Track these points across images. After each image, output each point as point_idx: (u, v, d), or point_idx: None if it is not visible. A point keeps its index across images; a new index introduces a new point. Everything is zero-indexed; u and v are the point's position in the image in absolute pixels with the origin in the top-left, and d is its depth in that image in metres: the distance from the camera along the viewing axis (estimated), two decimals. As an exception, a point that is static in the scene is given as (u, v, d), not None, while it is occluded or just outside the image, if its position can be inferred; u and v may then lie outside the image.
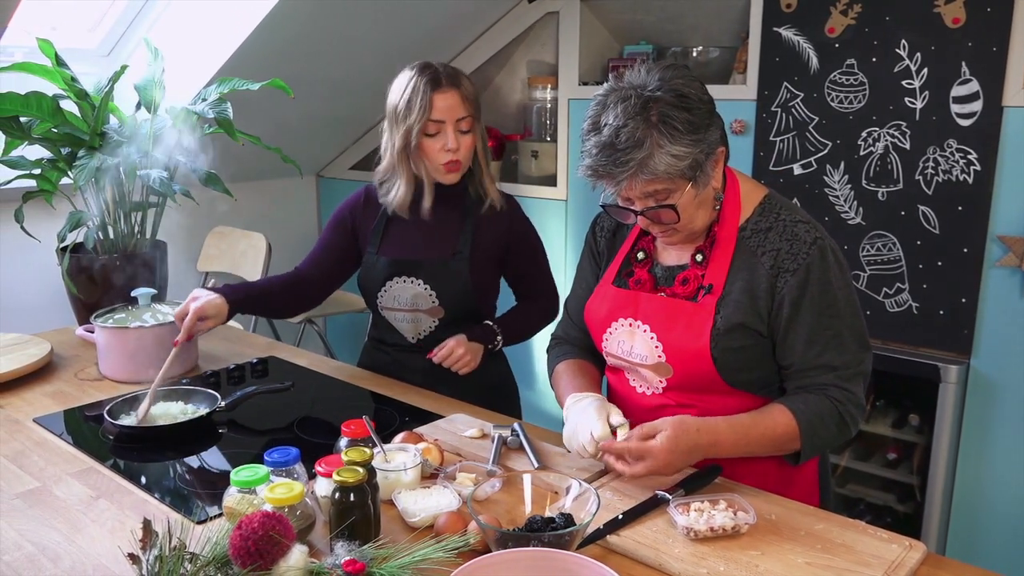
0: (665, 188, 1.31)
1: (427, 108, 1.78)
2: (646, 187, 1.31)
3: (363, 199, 2.00)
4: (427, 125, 1.79)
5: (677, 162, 1.28)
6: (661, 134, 1.27)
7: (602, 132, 1.29)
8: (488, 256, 1.92)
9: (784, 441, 1.37)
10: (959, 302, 2.45)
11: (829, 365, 1.38)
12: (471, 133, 1.83)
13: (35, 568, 1.17)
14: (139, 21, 3.02)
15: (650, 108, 1.28)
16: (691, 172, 1.31)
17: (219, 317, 1.81)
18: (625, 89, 1.30)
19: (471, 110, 1.82)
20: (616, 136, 1.27)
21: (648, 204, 1.34)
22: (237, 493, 1.20)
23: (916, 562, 1.16)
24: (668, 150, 1.27)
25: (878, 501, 2.75)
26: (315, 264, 2.01)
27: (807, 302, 1.36)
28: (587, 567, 1.02)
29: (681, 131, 1.28)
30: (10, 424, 1.67)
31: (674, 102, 1.28)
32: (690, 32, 3.14)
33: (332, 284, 2.03)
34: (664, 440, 1.28)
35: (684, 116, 1.28)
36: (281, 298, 1.97)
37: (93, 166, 2.27)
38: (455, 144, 1.80)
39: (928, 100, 2.43)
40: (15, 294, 3.00)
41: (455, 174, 1.86)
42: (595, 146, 1.30)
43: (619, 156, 1.27)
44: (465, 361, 1.84)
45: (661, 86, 1.29)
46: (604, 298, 1.52)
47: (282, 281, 1.98)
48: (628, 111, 1.28)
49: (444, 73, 1.81)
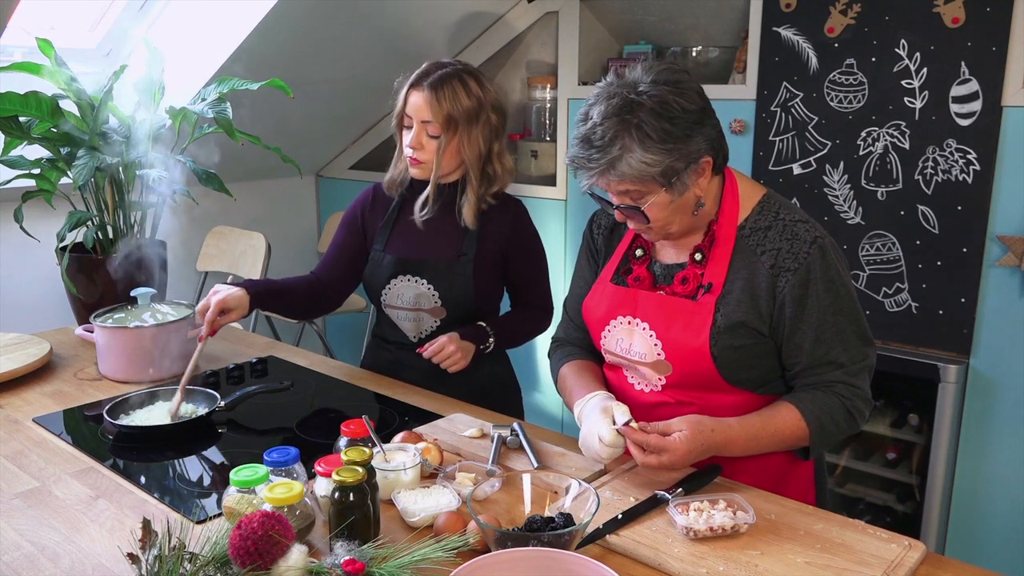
0: (637, 189, 1.33)
1: (403, 100, 1.85)
2: (618, 186, 1.34)
3: (371, 197, 2.02)
4: (403, 118, 1.86)
5: (647, 168, 1.30)
6: (633, 139, 1.29)
7: (585, 125, 1.32)
8: (492, 260, 1.92)
9: (794, 439, 1.39)
10: (958, 302, 2.45)
11: (836, 362, 1.39)
12: (437, 140, 1.83)
13: (34, 568, 1.17)
14: (139, 21, 3.02)
15: (631, 111, 1.29)
16: (664, 179, 1.31)
17: (241, 309, 1.81)
18: (616, 86, 1.33)
19: (440, 119, 1.80)
20: (593, 132, 1.30)
21: (623, 201, 1.36)
22: (237, 493, 1.20)
23: (915, 562, 1.16)
24: (638, 156, 1.29)
25: (877, 501, 2.76)
26: (330, 268, 2.02)
27: (812, 301, 1.36)
28: (587, 567, 1.02)
29: (654, 139, 1.28)
30: (9, 424, 1.67)
31: (655, 109, 1.29)
32: (690, 32, 3.14)
33: (349, 286, 2.04)
34: (683, 438, 1.29)
35: (662, 125, 1.29)
36: (301, 298, 1.98)
37: (92, 166, 2.27)
38: (415, 143, 1.84)
39: (928, 100, 2.43)
40: (14, 294, 3.00)
41: (416, 169, 1.88)
42: (576, 137, 1.34)
43: (592, 152, 1.30)
44: (456, 359, 1.84)
45: (649, 90, 1.30)
46: (602, 296, 1.52)
47: (302, 282, 1.99)
48: (609, 110, 1.30)
49: (435, 75, 1.81)
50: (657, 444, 1.29)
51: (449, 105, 1.80)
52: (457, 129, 1.82)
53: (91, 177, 2.29)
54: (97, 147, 2.36)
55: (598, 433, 1.34)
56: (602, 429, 1.34)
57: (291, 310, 2.04)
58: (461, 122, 1.82)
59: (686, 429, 1.30)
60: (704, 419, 1.33)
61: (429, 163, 1.86)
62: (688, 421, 1.31)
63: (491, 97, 1.86)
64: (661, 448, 1.29)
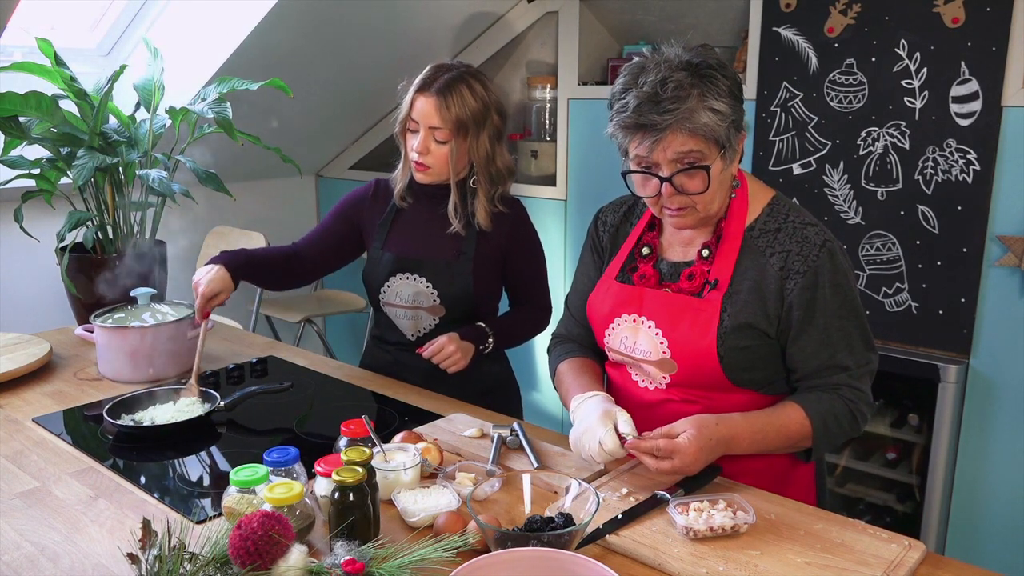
0: (699, 150, 1.31)
1: (409, 105, 1.84)
2: (681, 145, 1.30)
3: (372, 193, 2.02)
4: (409, 122, 1.84)
5: (718, 120, 1.29)
6: (707, 88, 1.29)
7: (643, 87, 1.29)
8: (491, 259, 1.92)
9: (798, 437, 1.38)
10: (958, 302, 2.45)
11: (841, 365, 1.39)
12: (446, 145, 1.83)
13: (34, 568, 1.17)
14: (138, 21, 3.02)
15: (696, 66, 1.30)
16: (726, 138, 1.32)
17: (227, 290, 1.83)
18: (665, 55, 1.32)
19: (449, 126, 1.80)
20: (662, 87, 1.28)
21: (676, 168, 1.33)
22: (236, 493, 1.20)
23: (915, 562, 1.16)
24: (711, 104, 1.28)
25: (877, 501, 2.76)
26: (313, 244, 2.03)
27: (820, 304, 1.36)
28: (586, 567, 1.02)
29: (724, 91, 1.30)
30: (9, 424, 1.67)
31: (717, 66, 1.31)
32: (690, 32, 3.14)
33: (326, 267, 2.06)
34: (690, 439, 1.28)
35: (727, 81, 1.31)
36: (277, 269, 1.99)
37: (92, 166, 2.27)
38: (422, 148, 1.83)
39: (927, 100, 2.43)
40: (14, 294, 3.00)
41: (422, 175, 1.87)
42: (635, 98, 1.29)
43: (664, 105, 1.27)
44: (455, 359, 1.84)
45: (701, 56, 1.31)
46: (607, 293, 1.52)
47: (279, 253, 2.01)
48: (673, 66, 1.29)
49: (443, 79, 1.80)
50: (667, 447, 1.28)
51: (458, 110, 1.80)
52: (467, 133, 1.83)
53: (91, 177, 2.30)
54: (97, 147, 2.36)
55: (599, 438, 1.33)
56: (604, 436, 1.33)
57: (266, 281, 2.04)
58: (470, 125, 1.82)
59: (691, 428, 1.29)
60: (706, 416, 1.33)
61: (435, 168, 1.85)
62: (691, 421, 1.31)
63: (494, 98, 1.87)
64: (671, 451, 1.28)
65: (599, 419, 1.35)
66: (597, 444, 1.34)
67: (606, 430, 1.33)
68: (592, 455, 1.35)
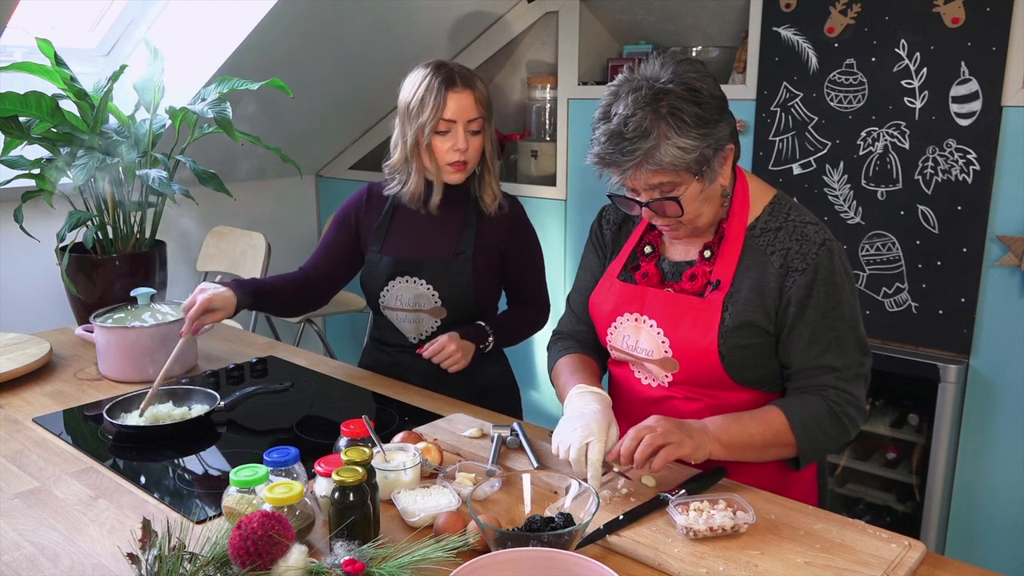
0: (670, 181, 1.32)
1: (440, 107, 1.78)
2: (651, 178, 1.31)
3: (365, 197, 2.00)
4: (439, 124, 1.79)
5: (683, 155, 1.28)
6: (669, 126, 1.27)
7: (611, 121, 1.30)
8: (490, 258, 1.92)
9: (780, 431, 1.36)
10: (958, 302, 2.45)
11: (829, 366, 1.38)
12: (481, 135, 1.84)
13: (34, 568, 1.17)
14: (138, 21, 3.02)
15: (660, 100, 1.28)
16: (697, 167, 1.31)
17: (227, 310, 1.79)
18: (638, 80, 1.31)
19: (483, 112, 1.82)
20: (624, 125, 1.28)
21: (653, 196, 1.34)
22: (236, 493, 1.20)
23: (915, 561, 1.16)
24: (675, 142, 1.28)
25: (877, 501, 2.76)
26: (319, 264, 2.01)
27: (812, 301, 1.36)
28: (587, 567, 1.02)
29: (689, 124, 1.28)
30: (9, 424, 1.67)
31: (684, 95, 1.29)
32: (690, 32, 3.14)
33: (337, 284, 2.04)
34: (649, 419, 1.29)
35: (693, 110, 1.28)
36: (289, 296, 1.97)
37: (92, 166, 2.27)
38: (464, 144, 1.81)
39: (927, 100, 2.43)
40: (14, 294, 3.00)
41: (460, 174, 1.86)
42: (603, 134, 1.30)
43: (626, 145, 1.28)
44: (456, 359, 1.84)
45: (673, 79, 1.30)
46: (609, 292, 1.52)
47: (290, 279, 1.99)
48: (638, 101, 1.28)
49: (459, 73, 1.81)
50: (635, 435, 1.27)
51: (484, 95, 1.84)
52: (491, 118, 1.86)
53: (91, 177, 2.29)
54: (97, 147, 2.36)
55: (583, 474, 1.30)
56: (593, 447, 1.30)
57: (278, 308, 2.03)
58: (490, 110, 1.86)
59: (648, 418, 1.30)
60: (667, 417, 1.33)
61: (471, 163, 1.86)
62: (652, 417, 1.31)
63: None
64: (637, 436, 1.27)
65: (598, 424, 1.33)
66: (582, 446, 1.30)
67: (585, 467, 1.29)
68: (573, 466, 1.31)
